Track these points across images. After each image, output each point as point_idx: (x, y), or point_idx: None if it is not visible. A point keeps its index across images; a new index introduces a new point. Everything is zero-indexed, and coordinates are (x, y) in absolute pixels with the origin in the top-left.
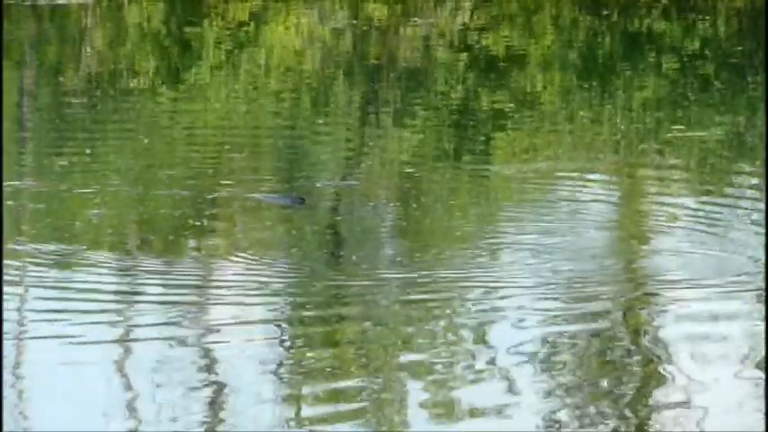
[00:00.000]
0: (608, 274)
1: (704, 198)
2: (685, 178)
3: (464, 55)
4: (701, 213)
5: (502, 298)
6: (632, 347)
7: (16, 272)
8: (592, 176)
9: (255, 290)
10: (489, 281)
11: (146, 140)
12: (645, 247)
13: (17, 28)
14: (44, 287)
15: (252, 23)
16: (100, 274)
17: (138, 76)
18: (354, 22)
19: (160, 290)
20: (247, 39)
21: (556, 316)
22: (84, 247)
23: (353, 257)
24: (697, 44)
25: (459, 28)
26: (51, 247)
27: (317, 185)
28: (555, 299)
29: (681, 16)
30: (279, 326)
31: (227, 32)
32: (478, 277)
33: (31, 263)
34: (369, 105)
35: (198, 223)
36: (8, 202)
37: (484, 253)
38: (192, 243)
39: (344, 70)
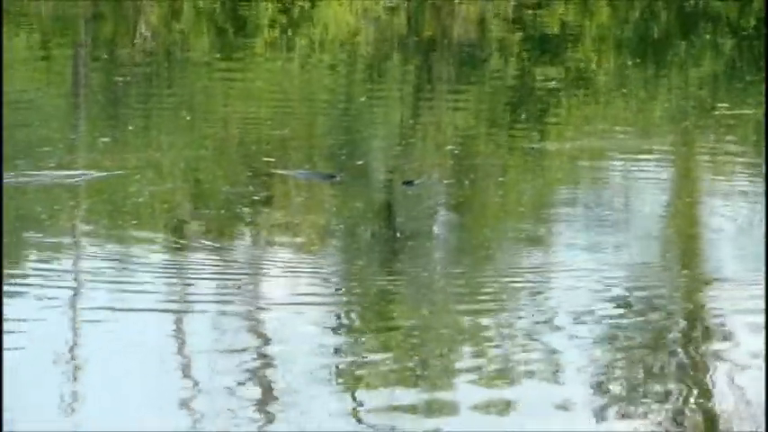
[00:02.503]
0: (663, 257)
1: (758, 176)
2: (740, 156)
3: (518, 31)
4: (755, 193)
5: (556, 280)
6: (688, 338)
7: (71, 249)
8: (646, 154)
9: (304, 272)
10: (543, 263)
11: (196, 117)
12: (700, 228)
13: (73, 5)
14: (98, 265)
15: (306, 0)
16: (151, 250)
17: (193, 54)
18: None
19: (209, 269)
20: (302, 15)
21: (612, 307)
22: (135, 222)
23: (404, 237)
24: (752, 22)
25: (513, 4)
26: (105, 223)
27: (361, 162)
28: (611, 286)
29: None
30: (329, 309)
31: (282, 9)
32: (531, 259)
33: (85, 239)
34: (422, 82)
35: (243, 200)
36: (65, 180)
37: (537, 233)
38: (232, 221)
39: (398, 47)
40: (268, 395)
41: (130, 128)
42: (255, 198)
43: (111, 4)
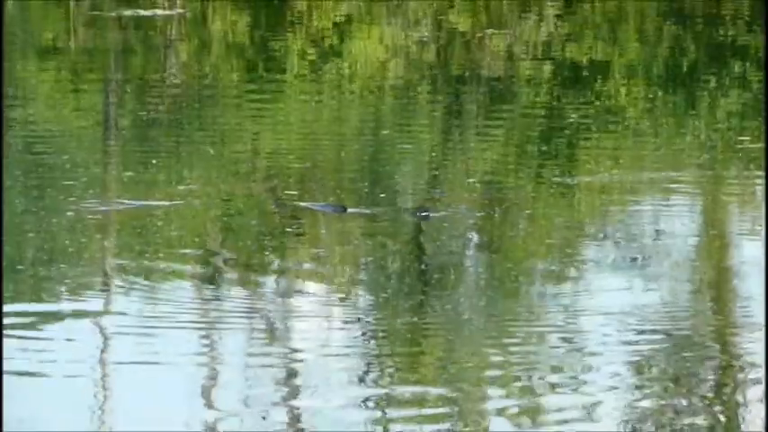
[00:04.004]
0: (692, 292)
1: None
2: None
3: (548, 65)
4: None
5: (583, 316)
6: (719, 378)
7: (98, 284)
8: (676, 187)
9: (330, 307)
10: (570, 298)
11: (225, 150)
12: (729, 263)
13: (102, 39)
14: (123, 302)
15: (335, 34)
16: (180, 285)
17: (222, 87)
18: (438, 32)
19: (237, 307)
20: (331, 49)
21: (639, 339)
22: (162, 256)
23: (433, 270)
24: None
25: (542, 38)
26: (132, 256)
27: (396, 197)
28: (640, 323)
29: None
30: (356, 347)
31: (311, 43)
32: (559, 294)
33: (112, 273)
34: (451, 115)
35: (269, 234)
36: (95, 217)
37: (565, 267)
38: (257, 256)
39: (428, 80)
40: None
41: (156, 161)
42: (281, 232)
43: (141, 38)
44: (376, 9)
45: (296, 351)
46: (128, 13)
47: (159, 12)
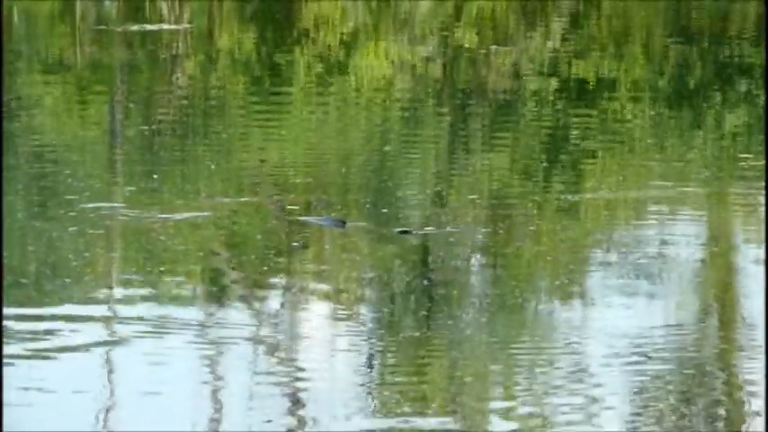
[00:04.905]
0: (696, 309)
1: None
2: None
3: (554, 81)
4: None
5: (589, 336)
6: (722, 399)
7: (104, 303)
8: (681, 205)
9: (335, 322)
10: (576, 318)
11: (230, 163)
12: (735, 281)
13: (108, 54)
14: (128, 314)
15: (342, 50)
16: (182, 298)
17: (228, 102)
18: (444, 48)
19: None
20: (337, 65)
21: (645, 361)
22: (167, 269)
23: (436, 287)
24: None
25: (548, 55)
26: (137, 270)
27: (399, 212)
28: (644, 339)
29: None
30: (360, 361)
31: (318, 59)
32: (563, 311)
33: (117, 286)
34: (456, 131)
35: (273, 249)
36: (98, 231)
37: (569, 284)
38: (261, 271)
39: (433, 96)
40: None
41: (160, 175)
42: (283, 246)
43: (147, 53)
44: (382, 25)
45: (299, 369)
46: (134, 27)
47: (165, 26)
